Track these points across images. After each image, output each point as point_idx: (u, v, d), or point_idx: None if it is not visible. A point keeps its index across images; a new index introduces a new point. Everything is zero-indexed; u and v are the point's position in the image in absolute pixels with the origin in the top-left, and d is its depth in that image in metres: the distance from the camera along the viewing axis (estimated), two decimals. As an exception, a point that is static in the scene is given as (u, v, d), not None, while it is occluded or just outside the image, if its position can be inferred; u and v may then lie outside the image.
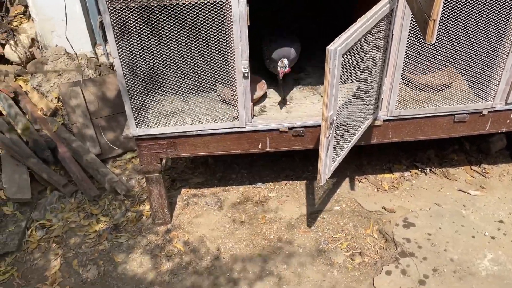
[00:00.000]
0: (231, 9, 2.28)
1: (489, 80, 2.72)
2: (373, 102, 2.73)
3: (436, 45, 2.61)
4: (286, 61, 2.75)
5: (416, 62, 2.65)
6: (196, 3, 2.27)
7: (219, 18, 2.34)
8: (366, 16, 2.23)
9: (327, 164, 2.46)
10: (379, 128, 2.88)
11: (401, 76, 2.68)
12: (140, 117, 2.65)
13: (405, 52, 2.56)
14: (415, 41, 2.53)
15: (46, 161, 3.38)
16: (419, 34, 2.46)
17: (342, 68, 2.17)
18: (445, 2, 2.35)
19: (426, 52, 2.64)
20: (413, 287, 2.61)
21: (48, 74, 3.78)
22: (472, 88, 2.87)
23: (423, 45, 2.57)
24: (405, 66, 2.65)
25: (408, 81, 2.90)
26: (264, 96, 3.05)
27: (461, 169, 3.48)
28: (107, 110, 3.67)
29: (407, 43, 2.52)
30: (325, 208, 3.21)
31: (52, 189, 3.33)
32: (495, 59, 2.63)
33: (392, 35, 2.48)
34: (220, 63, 2.52)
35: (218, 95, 2.86)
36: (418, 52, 2.60)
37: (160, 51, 2.47)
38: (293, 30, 3.34)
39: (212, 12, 2.33)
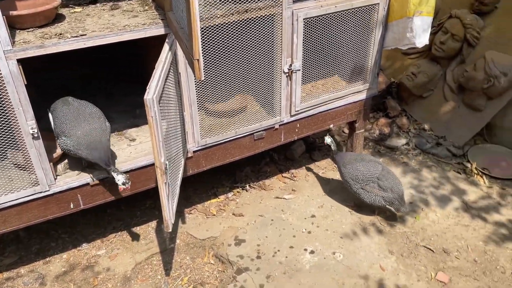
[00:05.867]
0: (0, 71, 2.10)
1: (273, 98, 3.11)
2: (183, 137, 2.84)
3: (222, 76, 2.88)
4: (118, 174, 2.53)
5: (210, 93, 2.88)
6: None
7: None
8: (160, 61, 2.30)
9: (170, 209, 2.44)
10: (191, 159, 3.01)
11: (201, 107, 2.86)
12: None
13: (196, 86, 2.75)
14: (205, 75, 2.74)
15: None
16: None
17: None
18: (210, 40, 2.62)
19: (216, 83, 2.89)
20: (253, 300, 2.77)
21: None
22: (263, 108, 3.25)
23: (211, 77, 2.81)
24: (201, 98, 2.84)
25: (208, 111, 3.11)
26: (67, 152, 2.87)
27: (275, 178, 3.87)
28: None
29: (195, 78, 2.70)
30: (160, 250, 3.17)
31: None
32: (272, 80, 3.03)
33: (179, 72, 2.63)
34: (2, 128, 2.29)
35: (12, 162, 2.59)
36: (210, 83, 2.82)
37: None
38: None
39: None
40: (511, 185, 3.69)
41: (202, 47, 1.90)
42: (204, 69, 2.11)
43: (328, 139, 3.44)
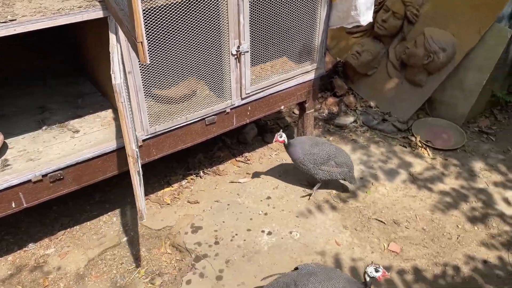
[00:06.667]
0: None
1: (222, 81, 3.05)
2: (133, 125, 2.72)
3: (169, 59, 2.77)
4: None
5: (156, 78, 2.76)
6: None
7: None
8: (112, 44, 2.18)
9: (143, 198, 2.35)
10: (141, 148, 2.90)
11: (148, 93, 2.74)
12: None
13: (141, 71, 2.62)
14: (150, 60, 2.62)
15: None
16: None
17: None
18: (153, 23, 2.50)
19: (163, 67, 2.77)
20: (213, 286, 2.75)
21: None
22: (213, 92, 3.18)
23: (157, 61, 2.69)
24: (147, 84, 2.72)
25: (157, 98, 2.99)
26: (4, 148, 2.67)
27: (229, 163, 3.83)
28: None
29: (139, 63, 2.58)
30: (114, 244, 3.06)
31: None
32: (221, 63, 2.96)
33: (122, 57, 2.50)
34: None
35: None
36: (155, 68, 2.70)
37: None
38: None
39: None
40: (452, 155, 3.91)
41: (145, 30, 1.80)
42: (148, 52, 2.01)
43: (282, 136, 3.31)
